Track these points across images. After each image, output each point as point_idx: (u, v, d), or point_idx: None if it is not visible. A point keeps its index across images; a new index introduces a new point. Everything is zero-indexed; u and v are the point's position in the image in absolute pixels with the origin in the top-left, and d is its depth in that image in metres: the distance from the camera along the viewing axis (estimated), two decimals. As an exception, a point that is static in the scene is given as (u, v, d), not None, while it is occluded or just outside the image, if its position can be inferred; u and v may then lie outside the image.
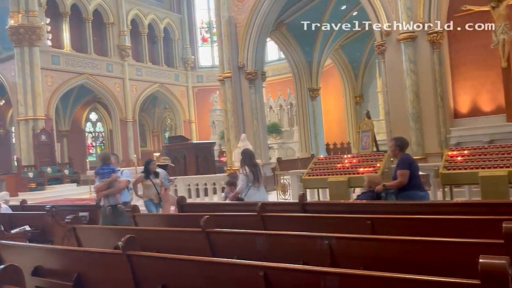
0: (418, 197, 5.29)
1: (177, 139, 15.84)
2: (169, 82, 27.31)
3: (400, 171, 5.37)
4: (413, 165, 5.46)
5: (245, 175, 6.39)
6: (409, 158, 5.54)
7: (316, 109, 19.36)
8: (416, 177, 5.42)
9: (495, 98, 9.72)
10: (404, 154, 5.58)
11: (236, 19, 13.96)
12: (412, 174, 5.34)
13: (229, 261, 2.67)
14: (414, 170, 5.40)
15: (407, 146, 5.74)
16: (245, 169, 6.45)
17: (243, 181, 6.40)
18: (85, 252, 3.46)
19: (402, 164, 5.42)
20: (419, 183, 5.48)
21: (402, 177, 5.32)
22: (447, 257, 2.80)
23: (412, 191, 5.32)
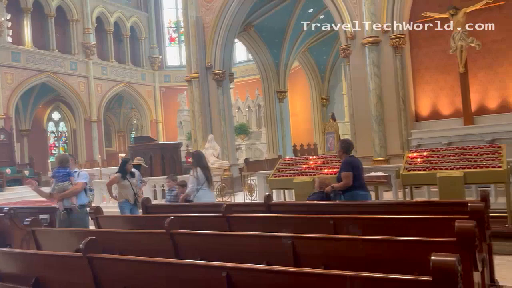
0: (360, 196, 5.54)
1: (143, 139, 15.59)
2: (136, 81, 26.87)
3: (343, 173, 5.60)
4: (356, 166, 5.69)
5: (195, 177, 6.52)
6: (352, 160, 5.75)
7: (283, 111, 19.56)
8: (359, 178, 5.65)
9: (453, 102, 10.13)
10: (348, 157, 5.80)
11: (204, 20, 13.92)
12: (356, 175, 5.59)
13: (191, 262, 2.67)
14: (357, 171, 5.63)
15: (352, 149, 5.99)
16: (196, 171, 6.56)
17: (193, 183, 6.53)
18: (43, 255, 3.37)
19: (345, 166, 5.65)
20: (362, 183, 5.71)
21: (346, 179, 5.57)
22: (405, 255, 2.89)
23: (355, 191, 5.56)
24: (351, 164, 5.67)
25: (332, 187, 5.60)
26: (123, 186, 7.25)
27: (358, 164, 5.79)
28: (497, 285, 4.27)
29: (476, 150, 6.18)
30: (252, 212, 5.16)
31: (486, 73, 9.78)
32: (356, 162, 5.77)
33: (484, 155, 5.99)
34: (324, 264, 3.02)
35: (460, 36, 9.40)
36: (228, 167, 13.07)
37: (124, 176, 7.28)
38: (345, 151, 5.82)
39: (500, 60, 9.62)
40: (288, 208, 5.22)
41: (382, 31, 10.34)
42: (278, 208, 5.16)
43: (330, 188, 5.60)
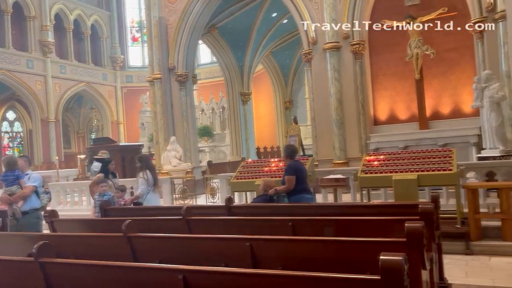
0: (305, 199, 5.76)
1: (102, 140, 15.25)
2: (96, 81, 26.20)
3: (287, 177, 5.84)
4: (300, 170, 5.92)
5: (145, 179, 6.51)
6: (295, 165, 5.97)
7: (247, 113, 19.65)
8: (303, 182, 5.88)
9: (410, 107, 10.52)
10: (292, 161, 6.03)
11: (167, 20, 13.79)
12: (299, 179, 5.81)
13: (147, 265, 2.66)
14: (300, 175, 5.86)
15: (296, 154, 6.25)
16: (146, 173, 6.56)
17: (143, 185, 6.52)
18: (-6, 260, 3.25)
19: (288, 171, 5.89)
20: (306, 187, 5.95)
21: (288, 182, 5.80)
22: (359, 255, 2.99)
23: (300, 194, 5.80)
24: (294, 168, 5.88)
25: (275, 190, 5.79)
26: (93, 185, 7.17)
27: (302, 168, 6.04)
28: (446, 283, 4.47)
29: (429, 154, 6.45)
30: (213, 214, 5.16)
31: (440, 80, 10.23)
32: (299, 166, 6.02)
33: (437, 159, 6.26)
34: (282, 265, 3.08)
35: (416, 44, 9.79)
36: (191, 170, 12.99)
37: (107, 176, 7.21)
38: (289, 156, 6.06)
39: (452, 68, 10.09)
40: (249, 211, 5.26)
41: (343, 37, 10.61)
42: (239, 210, 5.20)
43: (273, 191, 5.79)
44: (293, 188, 5.79)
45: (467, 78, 9.68)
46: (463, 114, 9.93)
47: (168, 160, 12.47)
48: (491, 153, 7.89)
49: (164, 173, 12.37)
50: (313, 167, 7.65)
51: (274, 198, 5.80)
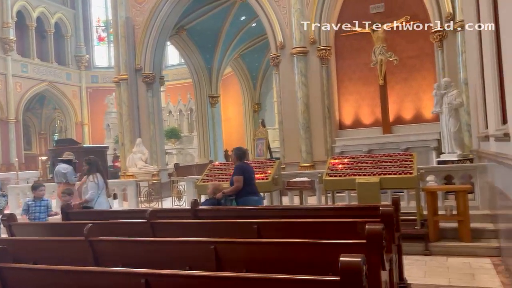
0: (252, 201, 5.87)
1: (65, 142, 14.82)
2: (60, 81, 25.45)
3: (235, 177, 5.97)
4: (247, 172, 6.06)
5: (96, 183, 6.47)
6: (244, 166, 6.13)
7: (215, 116, 19.60)
8: (250, 184, 6.03)
9: (374, 112, 10.80)
10: (240, 163, 6.19)
11: (135, 20, 13.60)
12: (247, 180, 5.95)
13: (108, 269, 2.62)
14: (248, 177, 6.00)
15: (245, 156, 6.40)
16: (96, 176, 6.51)
17: (93, 188, 6.45)
18: None
19: (236, 171, 6.03)
20: (253, 189, 6.09)
21: (237, 182, 5.92)
22: (321, 257, 3.05)
23: (247, 196, 5.93)
24: (242, 169, 6.04)
25: (223, 193, 5.88)
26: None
27: (250, 170, 6.19)
28: (405, 283, 4.62)
29: (391, 158, 6.65)
30: (178, 218, 5.13)
31: (403, 86, 10.56)
32: (247, 168, 6.16)
33: (398, 163, 6.46)
34: (246, 268, 3.10)
35: (380, 51, 10.07)
36: (157, 172, 12.83)
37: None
38: (238, 158, 6.21)
39: (414, 74, 10.44)
40: (215, 214, 5.25)
41: (310, 42, 10.78)
42: (205, 213, 5.18)
43: (221, 194, 5.87)
44: (241, 188, 5.88)
45: (428, 84, 10.04)
46: (424, 120, 10.29)
47: (134, 163, 12.27)
48: (450, 157, 8.21)
49: (130, 176, 12.17)
50: (280, 170, 7.72)
51: (222, 202, 5.87)
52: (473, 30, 7.09)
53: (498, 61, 4.81)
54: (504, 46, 4.36)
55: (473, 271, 5.25)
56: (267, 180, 6.98)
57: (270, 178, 6.98)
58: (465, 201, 6.09)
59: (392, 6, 10.45)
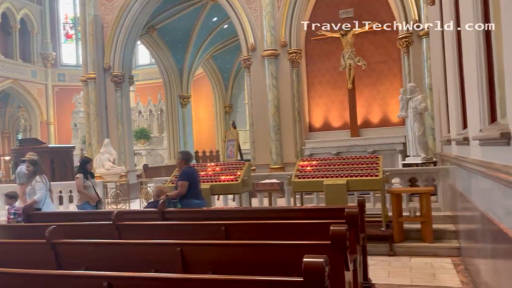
0: (194, 204, 5.99)
1: (29, 142, 14.36)
2: (25, 78, 24.63)
3: (180, 182, 6.08)
4: (193, 176, 6.18)
5: (44, 183, 6.36)
6: (189, 171, 6.24)
7: (186, 117, 19.45)
8: (194, 187, 6.14)
9: (342, 115, 10.99)
10: (187, 167, 6.31)
11: (104, 19, 13.35)
12: (192, 184, 6.07)
13: (70, 272, 2.57)
14: (193, 181, 6.12)
15: (192, 160, 6.55)
16: (43, 177, 6.39)
17: (42, 189, 6.32)
18: None
19: (182, 176, 6.15)
20: (197, 192, 6.20)
21: (181, 187, 6.04)
22: (287, 258, 3.08)
23: (189, 199, 6.05)
24: (188, 174, 6.14)
25: (166, 196, 5.96)
26: (85, 187, 6.88)
27: (195, 174, 6.32)
28: (370, 283, 4.72)
29: (358, 160, 6.78)
30: (146, 220, 5.06)
31: (370, 90, 10.79)
32: (193, 173, 6.28)
33: (365, 165, 6.59)
34: (212, 269, 3.10)
35: (349, 55, 10.26)
36: (125, 173, 12.62)
37: (86, 176, 6.93)
38: (185, 161, 6.32)
39: (381, 79, 10.70)
40: (183, 215, 5.22)
41: (281, 45, 10.88)
42: (172, 215, 5.14)
43: (164, 197, 5.95)
44: (185, 193, 6.00)
45: (395, 89, 10.30)
46: (391, 123, 10.55)
47: (101, 163, 12.04)
48: (414, 160, 8.45)
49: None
50: (249, 171, 7.74)
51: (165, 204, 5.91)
52: (438, 36, 7.34)
53: (459, 68, 5.00)
54: (464, 53, 4.54)
55: (434, 270, 5.42)
56: (236, 182, 6.98)
57: (239, 179, 6.98)
58: (428, 203, 6.27)
59: (361, 11, 10.67)
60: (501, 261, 3.19)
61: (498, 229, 3.09)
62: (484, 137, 3.32)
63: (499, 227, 3.05)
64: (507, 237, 2.79)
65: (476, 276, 4.61)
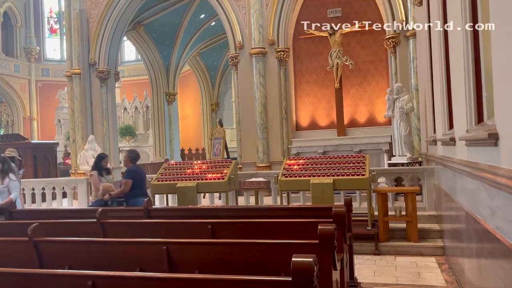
0: (140, 203, 5.98)
1: (11, 137, 14.07)
2: (7, 73, 24.14)
3: (124, 180, 6.23)
4: (138, 175, 6.30)
5: (18, 182, 6.33)
6: (134, 170, 6.37)
7: (172, 114, 19.31)
8: (139, 186, 6.27)
9: (329, 114, 11.02)
10: (132, 166, 6.44)
11: (89, 13, 13.14)
12: (136, 183, 6.20)
13: (53, 271, 2.51)
14: (138, 179, 6.24)
15: (138, 159, 6.67)
16: (15, 175, 6.31)
17: (17, 188, 6.27)
18: None
19: (126, 174, 6.29)
20: (142, 191, 6.34)
21: (124, 185, 6.18)
22: (275, 257, 3.07)
23: (135, 198, 6.18)
24: (133, 172, 6.28)
25: (109, 195, 6.16)
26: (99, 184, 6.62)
27: (140, 173, 6.43)
28: (356, 282, 4.74)
29: (345, 159, 6.80)
30: (131, 217, 5.01)
31: (357, 90, 10.84)
32: (138, 171, 6.40)
33: (351, 164, 6.61)
34: (198, 269, 3.07)
35: (337, 55, 10.28)
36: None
37: (100, 173, 6.71)
38: (131, 160, 6.45)
39: (368, 79, 10.75)
40: (169, 213, 5.17)
41: (269, 43, 10.86)
42: (158, 213, 5.09)
43: (108, 196, 6.16)
44: (128, 191, 6.14)
45: (381, 89, 10.37)
46: (377, 123, 10.62)
47: (86, 160, 11.84)
48: (400, 160, 8.52)
49: (81, 174, 11.75)
50: (236, 170, 7.71)
51: (109, 203, 6.14)
52: (425, 37, 7.40)
53: (446, 68, 5.04)
54: (452, 53, 4.57)
55: (419, 269, 5.47)
56: (223, 180, 6.93)
57: (226, 178, 6.95)
58: (413, 203, 6.33)
59: (349, 11, 10.71)
60: (485, 260, 3.22)
61: (483, 228, 3.11)
62: (471, 137, 3.35)
63: (484, 227, 3.08)
64: (492, 237, 2.82)
65: (460, 275, 4.66)
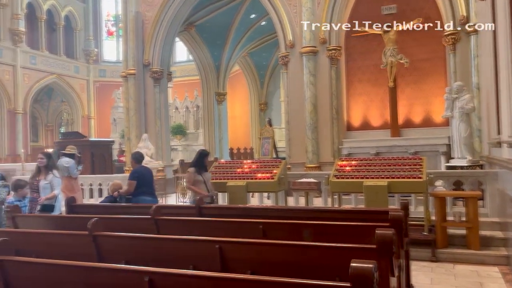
0: (146, 201, 6.38)
1: (71, 135, 14.82)
2: (68, 74, 25.48)
3: (128, 182, 6.64)
4: (142, 175, 6.66)
5: (60, 179, 6.54)
6: (138, 170, 6.74)
7: (221, 113, 19.56)
8: (145, 185, 6.61)
9: (383, 114, 10.67)
10: (138, 166, 6.82)
11: (144, 16, 13.56)
12: (141, 182, 6.56)
13: (111, 266, 2.56)
14: (142, 179, 6.62)
15: (142, 159, 7.07)
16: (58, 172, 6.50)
17: (59, 185, 6.45)
18: None
19: (131, 176, 6.71)
20: (149, 190, 6.71)
21: (128, 186, 6.57)
22: (329, 261, 2.97)
23: (140, 196, 6.53)
24: (137, 173, 6.64)
25: (118, 193, 6.56)
26: (196, 182, 6.54)
27: (145, 173, 6.77)
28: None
29: (400, 161, 6.54)
30: (183, 215, 5.07)
31: (413, 89, 10.42)
32: (143, 172, 6.74)
33: (407, 166, 6.35)
34: (251, 269, 3.04)
35: (391, 53, 9.94)
36: (162, 168, 12.79)
37: (199, 171, 6.61)
38: (136, 161, 6.85)
39: (425, 78, 10.30)
40: (220, 212, 5.20)
41: (320, 42, 10.68)
42: (210, 211, 5.12)
43: (117, 193, 6.55)
44: (133, 191, 6.50)
45: (439, 88, 9.90)
46: (434, 123, 10.15)
47: (139, 158, 12.22)
48: (459, 162, 8.09)
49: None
50: (285, 170, 7.64)
51: (117, 200, 6.52)
52: (489, 34, 6.97)
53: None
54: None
55: (481, 279, 5.15)
56: (272, 180, 6.89)
57: (276, 178, 6.90)
58: (474, 208, 5.98)
59: (404, 7, 10.30)
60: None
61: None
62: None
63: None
64: None
65: (528, 288, 4.33)
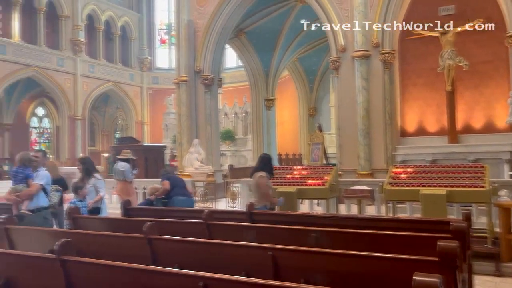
0: (180, 201, 6.64)
1: (126, 140, 15.40)
2: (123, 81, 26.60)
3: (162, 182, 6.96)
4: (172, 178, 7.13)
5: (104, 181, 6.65)
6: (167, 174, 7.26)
7: (270, 119, 19.57)
8: (177, 187, 6.94)
9: (439, 120, 10.21)
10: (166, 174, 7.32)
11: (196, 24, 13.87)
12: (173, 184, 6.91)
13: (167, 270, 2.58)
14: (174, 181, 7.03)
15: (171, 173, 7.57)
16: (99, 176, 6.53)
17: (104, 186, 6.54)
18: (15, 255, 3.23)
19: (162, 177, 7.13)
20: (182, 191, 7.00)
21: (163, 185, 6.88)
22: (387, 272, 2.85)
23: (174, 196, 6.77)
24: (167, 174, 7.21)
25: (155, 195, 6.76)
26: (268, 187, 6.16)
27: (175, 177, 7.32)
28: (475, 305, 4.26)
29: (460, 169, 6.21)
30: (234, 220, 5.07)
31: (472, 93, 9.90)
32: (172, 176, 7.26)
33: (468, 174, 6.02)
34: (304, 278, 2.96)
35: (449, 55, 9.50)
36: (212, 173, 12.96)
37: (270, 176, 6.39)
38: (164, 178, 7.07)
39: (486, 81, 9.76)
40: (271, 218, 5.15)
41: (373, 46, 10.42)
42: (260, 217, 5.09)
43: (153, 196, 6.75)
44: (169, 189, 6.77)
45: (502, 92, 9.34)
46: (496, 129, 9.56)
47: (190, 162, 12.48)
48: (525, 171, 7.57)
49: (186, 175, 12.38)
50: (337, 176, 7.48)
51: (154, 203, 6.71)
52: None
53: None
54: None
55: (551, 297, 4.75)
56: (324, 187, 6.76)
57: (327, 184, 6.76)
58: (543, 220, 5.55)
59: (464, 8, 9.82)
60: None
61: None
62: None
63: None
64: None
65: None
